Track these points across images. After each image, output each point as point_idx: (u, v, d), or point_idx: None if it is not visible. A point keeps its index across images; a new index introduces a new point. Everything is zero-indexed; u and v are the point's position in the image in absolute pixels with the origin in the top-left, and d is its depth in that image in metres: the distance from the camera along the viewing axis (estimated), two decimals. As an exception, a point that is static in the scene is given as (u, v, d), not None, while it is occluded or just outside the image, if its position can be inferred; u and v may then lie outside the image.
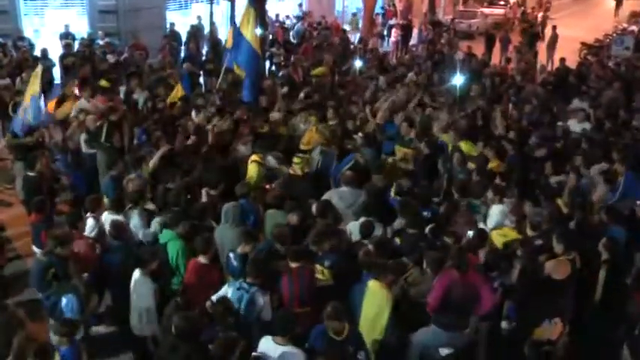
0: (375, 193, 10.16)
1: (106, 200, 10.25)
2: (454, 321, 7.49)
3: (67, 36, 20.92)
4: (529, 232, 9.13)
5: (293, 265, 7.83)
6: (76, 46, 20.38)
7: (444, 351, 7.44)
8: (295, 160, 10.83)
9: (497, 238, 9.00)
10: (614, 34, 33.14)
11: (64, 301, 7.41)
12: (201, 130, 12.36)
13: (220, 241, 8.84)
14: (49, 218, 9.68)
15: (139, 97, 14.93)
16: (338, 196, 10.04)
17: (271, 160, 11.03)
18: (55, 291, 7.61)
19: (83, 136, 12.35)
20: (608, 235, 8.98)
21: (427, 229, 8.96)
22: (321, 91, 16.52)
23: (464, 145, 12.13)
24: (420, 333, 7.60)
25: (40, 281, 8.00)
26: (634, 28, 35.85)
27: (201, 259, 8.10)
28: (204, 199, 9.93)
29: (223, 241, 8.85)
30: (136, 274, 7.94)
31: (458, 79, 17.02)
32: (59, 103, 13.74)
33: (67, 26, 21.30)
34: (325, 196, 10.00)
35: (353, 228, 9.14)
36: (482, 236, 8.86)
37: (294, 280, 7.73)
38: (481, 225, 9.43)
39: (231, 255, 8.30)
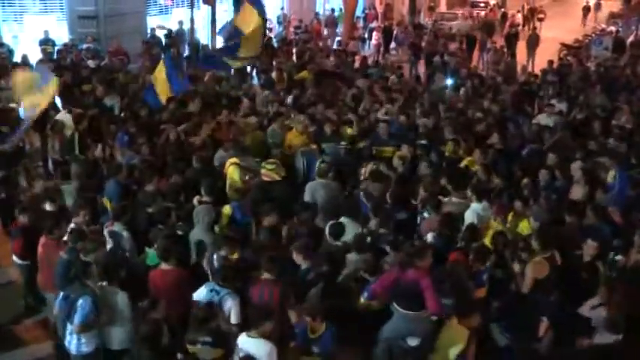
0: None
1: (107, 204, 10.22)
2: (408, 303, 7.51)
3: (46, 42, 20.71)
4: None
5: (265, 276, 7.69)
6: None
7: (413, 341, 7.43)
8: (267, 166, 10.68)
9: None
10: (594, 35, 33.37)
11: (80, 301, 7.30)
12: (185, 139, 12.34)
13: (197, 245, 8.85)
14: (30, 227, 9.46)
15: (112, 102, 14.82)
16: (322, 188, 10.11)
17: (250, 163, 10.97)
18: (74, 292, 7.46)
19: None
20: (593, 234, 8.99)
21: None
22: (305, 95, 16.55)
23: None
24: (385, 327, 7.64)
25: (62, 279, 7.91)
26: (612, 28, 36.09)
27: (163, 266, 7.98)
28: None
29: (200, 245, 8.83)
30: (103, 288, 7.66)
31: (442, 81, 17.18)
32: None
33: (46, 32, 21.05)
34: (308, 190, 10.10)
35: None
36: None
37: (264, 293, 7.56)
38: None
39: (214, 257, 8.25)
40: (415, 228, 9.85)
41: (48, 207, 9.58)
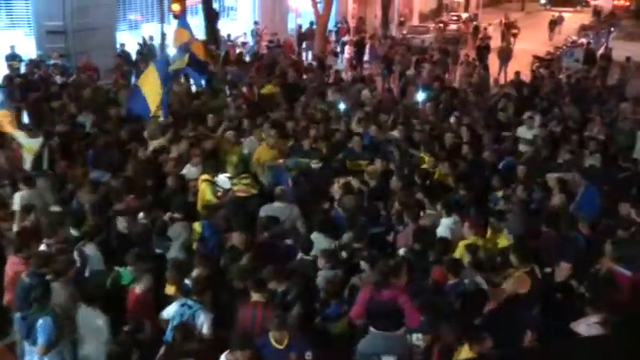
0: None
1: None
2: (385, 322, 7.54)
3: (13, 57, 20.46)
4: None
5: (255, 298, 7.61)
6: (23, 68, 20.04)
7: (388, 359, 7.41)
8: (242, 181, 10.69)
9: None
10: (565, 47, 33.81)
11: (39, 322, 7.25)
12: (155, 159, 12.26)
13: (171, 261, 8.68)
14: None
15: (85, 120, 14.69)
16: (272, 211, 10.00)
17: (223, 180, 10.91)
18: (33, 312, 7.41)
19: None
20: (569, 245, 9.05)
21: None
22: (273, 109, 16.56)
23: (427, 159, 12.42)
24: (360, 343, 7.65)
25: (22, 302, 7.82)
26: (583, 40, 36.65)
27: (136, 289, 7.94)
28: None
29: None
30: (82, 309, 7.62)
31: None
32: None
33: (12, 47, 20.79)
34: (262, 212, 10.00)
35: None
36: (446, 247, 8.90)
37: (257, 315, 7.48)
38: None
39: (187, 282, 8.14)
40: (386, 242, 9.89)
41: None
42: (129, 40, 24.81)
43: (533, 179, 11.63)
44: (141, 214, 9.95)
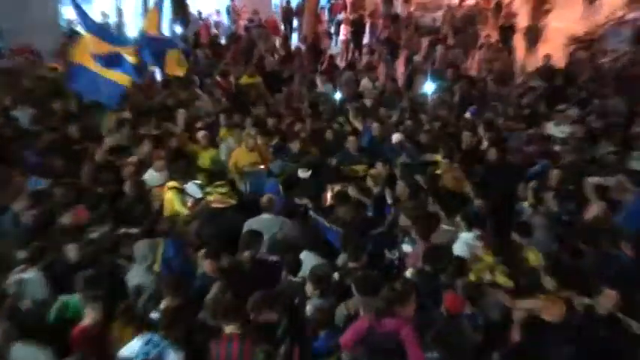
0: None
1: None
2: (385, 358, 7.57)
3: None
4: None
5: (229, 329, 7.55)
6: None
7: None
8: (219, 189, 10.71)
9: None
10: (609, 25, 33.72)
11: None
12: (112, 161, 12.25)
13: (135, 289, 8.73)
14: None
15: (21, 115, 14.68)
16: (258, 225, 10.05)
17: (192, 189, 10.94)
18: None
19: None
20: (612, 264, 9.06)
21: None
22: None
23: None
24: None
25: None
26: (634, 15, 35.84)
27: (84, 320, 7.88)
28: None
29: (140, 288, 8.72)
30: (18, 348, 7.53)
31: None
32: None
33: None
34: (247, 227, 10.03)
35: None
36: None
37: (233, 349, 7.42)
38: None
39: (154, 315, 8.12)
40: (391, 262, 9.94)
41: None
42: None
43: (566, 186, 11.62)
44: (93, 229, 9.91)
